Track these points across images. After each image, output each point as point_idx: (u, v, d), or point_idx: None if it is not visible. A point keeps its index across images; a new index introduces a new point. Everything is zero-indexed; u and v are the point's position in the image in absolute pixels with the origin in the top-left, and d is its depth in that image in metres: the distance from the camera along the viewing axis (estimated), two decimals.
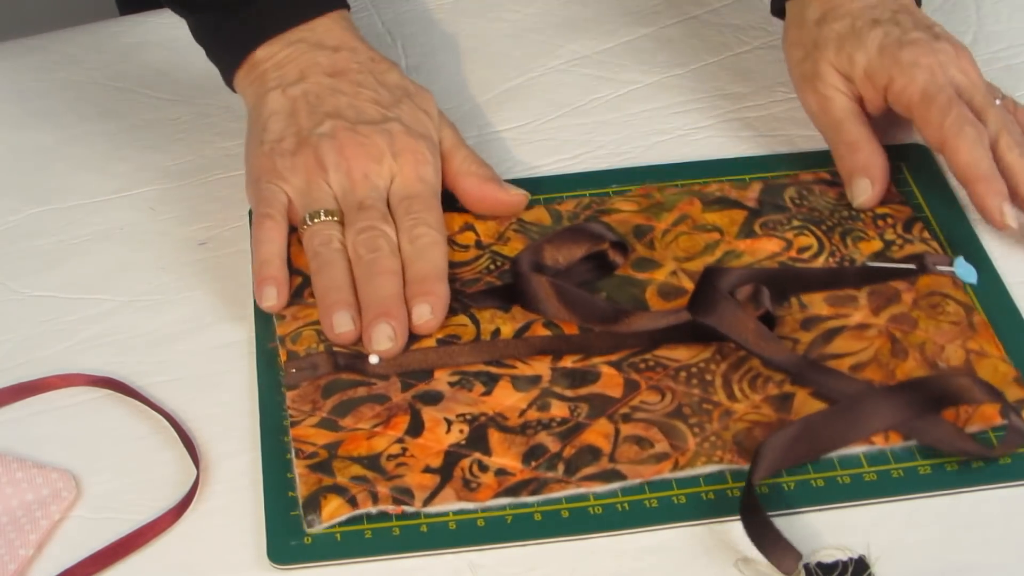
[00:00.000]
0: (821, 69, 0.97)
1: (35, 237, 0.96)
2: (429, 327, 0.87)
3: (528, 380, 0.85)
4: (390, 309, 0.86)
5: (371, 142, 0.92)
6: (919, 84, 0.94)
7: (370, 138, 0.92)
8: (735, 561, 0.77)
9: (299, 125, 0.93)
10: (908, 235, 0.92)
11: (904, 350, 0.85)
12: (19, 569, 0.77)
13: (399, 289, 0.88)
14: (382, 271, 0.88)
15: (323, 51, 0.95)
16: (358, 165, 0.91)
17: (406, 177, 0.92)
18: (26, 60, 1.10)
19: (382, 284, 0.87)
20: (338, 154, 0.91)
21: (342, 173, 0.91)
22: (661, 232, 0.93)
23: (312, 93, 0.94)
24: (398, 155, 0.92)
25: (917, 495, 0.79)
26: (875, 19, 0.96)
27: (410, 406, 0.84)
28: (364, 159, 0.91)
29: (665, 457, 0.81)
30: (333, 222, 0.90)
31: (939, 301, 0.88)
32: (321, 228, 0.90)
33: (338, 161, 0.91)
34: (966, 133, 0.91)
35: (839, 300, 0.88)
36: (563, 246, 0.91)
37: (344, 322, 0.86)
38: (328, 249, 0.89)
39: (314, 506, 0.79)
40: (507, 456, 0.81)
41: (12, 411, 0.86)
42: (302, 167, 0.92)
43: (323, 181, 0.91)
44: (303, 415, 0.83)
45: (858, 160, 0.94)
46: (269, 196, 0.92)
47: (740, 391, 0.84)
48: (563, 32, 1.11)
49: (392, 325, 0.86)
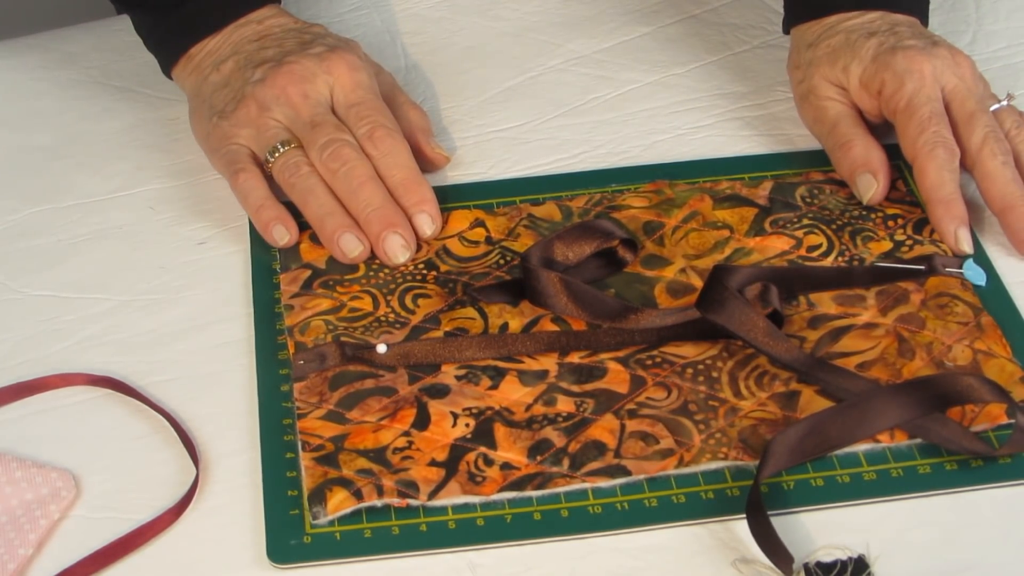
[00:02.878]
0: (815, 83, 0.98)
1: (34, 236, 0.96)
2: (435, 233, 0.93)
3: (535, 375, 0.85)
4: (391, 219, 0.91)
5: (299, 66, 0.95)
6: (906, 91, 0.94)
7: (297, 63, 0.95)
8: (733, 560, 0.77)
9: (234, 88, 0.96)
10: (918, 236, 0.92)
11: (911, 350, 0.85)
12: (19, 568, 0.77)
13: (387, 195, 0.92)
14: (362, 181, 0.92)
15: (248, 26, 0.99)
16: (294, 90, 0.94)
17: (344, 86, 0.95)
18: (25, 59, 1.10)
19: (370, 195, 0.92)
20: (272, 89, 0.95)
21: (282, 104, 0.94)
22: (671, 229, 0.93)
23: (241, 58, 0.97)
24: (330, 68, 0.95)
25: (917, 494, 0.79)
26: (871, 32, 0.97)
27: (417, 399, 0.84)
28: (297, 82, 0.95)
29: (670, 453, 0.81)
30: (293, 149, 0.94)
31: (947, 302, 0.88)
32: (284, 159, 0.93)
33: (275, 95, 0.94)
34: (936, 155, 0.92)
35: (847, 299, 0.88)
36: (573, 242, 0.91)
37: (353, 245, 0.91)
38: (300, 176, 0.92)
39: (320, 499, 0.79)
40: (513, 450, 0.81)
41: (11, 410, 0.86)
42: (246, 117, 0.95)
43: (269, 119, 0.94)
44: (310, 407, 0.84)
45: (855, 156, 0.95)
46: (231, 155, 0.95)
47: (746, 388, 0.84)
48: (562, 31, 1.11)
49: (400, 233, 0.91)
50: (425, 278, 0.91)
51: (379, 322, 0.88)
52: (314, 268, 0.91)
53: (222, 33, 0.99)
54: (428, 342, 0.86)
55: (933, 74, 0.94)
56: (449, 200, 0.96)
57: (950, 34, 1.08)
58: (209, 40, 0.99)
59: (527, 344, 0.86)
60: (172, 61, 1.00)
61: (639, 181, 0.96)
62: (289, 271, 0.92)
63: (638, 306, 0.87)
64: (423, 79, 1.06)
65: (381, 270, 0.91)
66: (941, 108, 0.94)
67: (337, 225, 0.91)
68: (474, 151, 1.01)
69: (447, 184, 0.98)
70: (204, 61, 0.99)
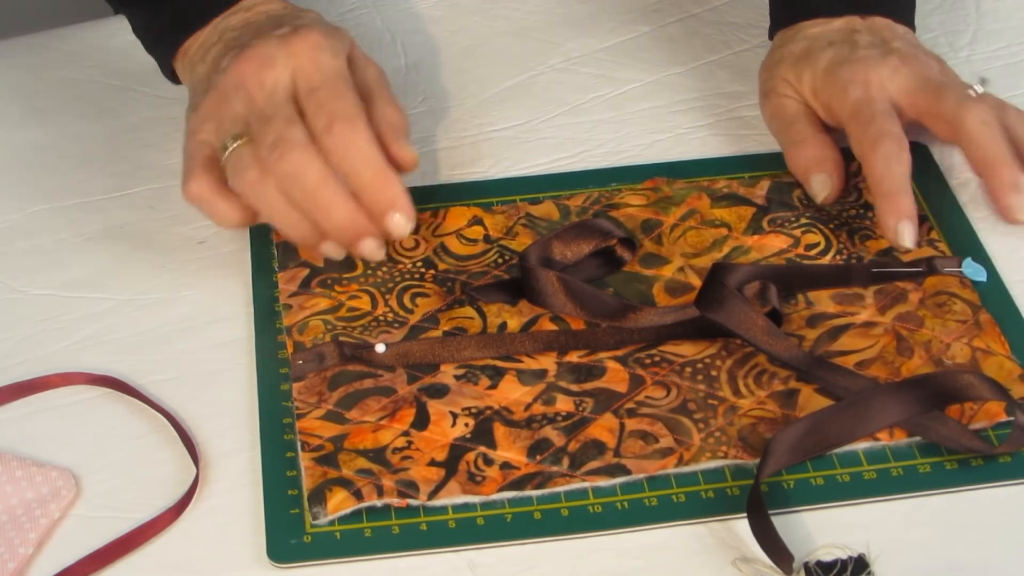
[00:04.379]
0: (776, 83, 0.98)
1: (34, 236, 0.96)
2: (409, 231, 0.87)
3: (534, 374, 0.85)
4: (358, 231, 0.87)
5: (261, 51, 0.89)
6: (850, 100, 0.93)
7: (260, 48, 0.89)
8: (733, 560, 0.77)
9: (208, 76, 0.92)
10: None
11: (910, 348, 0.85)
12: (19, 568, 0.77)
13: (347, 199, 0.86)
14: (315, 187, 0.85)
15: (238, 14, 0.95)
16: (252, 77, 0.88)
17: (304, 70, 0.88)
18: (25, 58, 1.10)
19: (327, 204, 0.86)
20: (233, 77, 0.89)
21: (241, 92, 0.89)
22: (669, 227, 0.93)
23: (221, 46, 0.93)
24: (292, 53, 0.88)
25: (917, 493, 0.79)
26: (830, 41, 0.97)
27: (416, 399, 0.84)
28: (256, 68, 0.88)
29: (670, 452, 0.81)
30: (241, 146, 0.87)
31: (946, 300, 0.88)
32: (233, 160, 0.87)
33: (235, 83, 0.89)
34: (880, 147, 0.91)
35: (846, 298, 0.88)
36: (572, 241, 0.91)
37: (333, 251, 0.88)
38: (248, 184, 0.86)
39: (320, 499, 0.79)
40: (512, 450, 0.81)
41: (11, 410, 0.86)
42: (209, 109, 0.90)
43: (228, 111, 0.89)
44: (309, 407, 0.84)
45: (809, 156, 0.95)
46: (188, 154, 0.90)
47: (745, 387, 0.84)
48: (562, 30, 1.11)
49: (374, 236, 0.87)
50: (423, 277, 0.91)
51: (377, 321, 0.88)
52: (312, 266, 0.91)
53: (212, 24, 0.95)
54: (427, 341, 0.86)
55: (879, 82, 0.94)
56: (447, 199, 0.96)
57: (950, 34, 1.08)
58: (201, 32, 0.95)
59: (526, 343, 0.86)
60: (170, 57, 0.97)
61: (638, 180, 0.96)
62: (287, 269, 0.92)
63: (637, 304, 0.87)
64: (423, 79, 1.06)
65: (379, 268, 0.91)
66: (887, 107, 0.93)
67: (304, 235, 0.87)
68: (473, 150, 1.01)
69: (447, 183, 0.98)
70: (196, 54, 0.95)
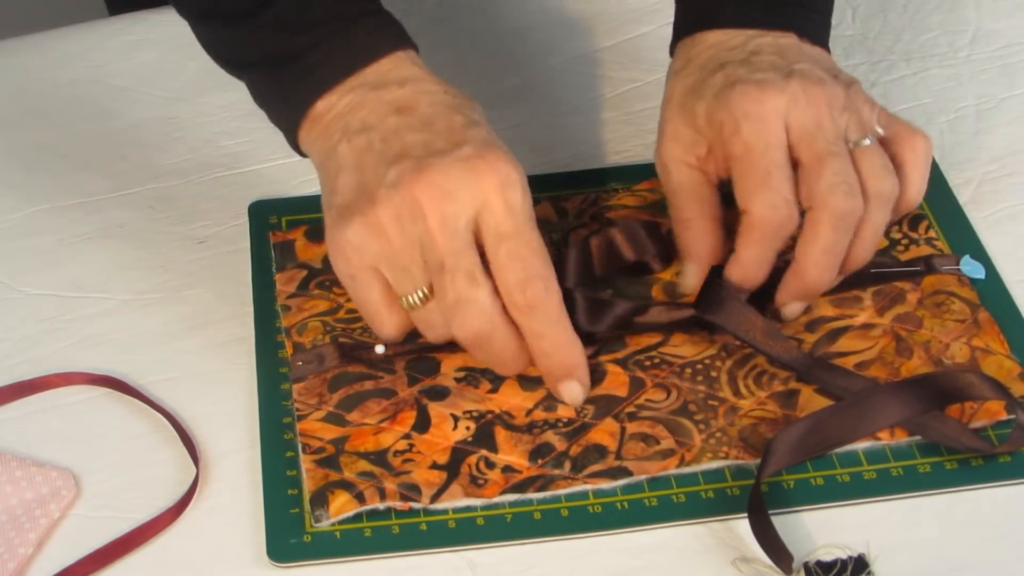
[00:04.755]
0: (665, 138, 0.89)
1: (34, 236, 0.96)
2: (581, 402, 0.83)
3: (535, 379, 0.85)
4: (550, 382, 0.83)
5: (443, 178, 0.79)
6: (743, 137, 0.84)
7: (441, 172, 0.79)
8: (733, 560, 0.77)
9: (366, 179, 0.81)
10: (914, 233, 0.92)
11: (909, 348, 0.85)
12: (19, 568, 0.77)
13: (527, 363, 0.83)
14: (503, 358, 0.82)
15: (388, 88, 0.83)
16: (432, 211, 0.79)
17: (493, 211, 0.79)
18: (25, 58, 1.10)
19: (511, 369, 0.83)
20: (408, 201, 0.79)
21: (419, 225, 0.79)
22: (667, 230, 0.93)
23: (378, 138, 0.82)
24: (480, 188, 0.79)
25: (916, 493, 0.79)
26: (722, 63, 0.87)
27: (416, 401, 0.84)
28: (437, 199, 0.79)
29: (671, 454, 0.81)
30: (428, 306, 0.81)
31: (944, 300, 0.88)
32: (421, 317, 0.82)
33: (411, 210, 0.79)
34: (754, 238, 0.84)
35: (844, 301, 0.88)
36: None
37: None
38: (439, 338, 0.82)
39: (322, 502, 0.79)
40: (514, 454, 0.81)
41: (11, 410, 0.86)
42: (373, 228, 0.80)
43: (402, 236, 0.80)
44: (309, 408, 0.84)
45: (685, 241, 0.88)
46: (363, 286, 0.82)
47: (745, 388, 0.84)
48: (562, 30, 1.11)
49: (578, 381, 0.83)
50: None
51: None
52: (310, 268, 0.91)
53: (352, 91, 0.83)
54: (427, 343, 0.86)
55: (776, 113, 0.84)
56: None
57: (950, 34, 1.08)
58: (335, 97, 0.83)
59: None
60: (296, 123, 0.85)
61: (637, 180, 0.96)
62: (285, 271, 0.91)
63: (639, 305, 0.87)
64: None
65: None
66: (782, 158, 0.84)
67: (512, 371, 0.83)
68: None
69: None
70: (332, 125, 0.83)
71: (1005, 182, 0.97)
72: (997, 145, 0.99)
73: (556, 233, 0.93)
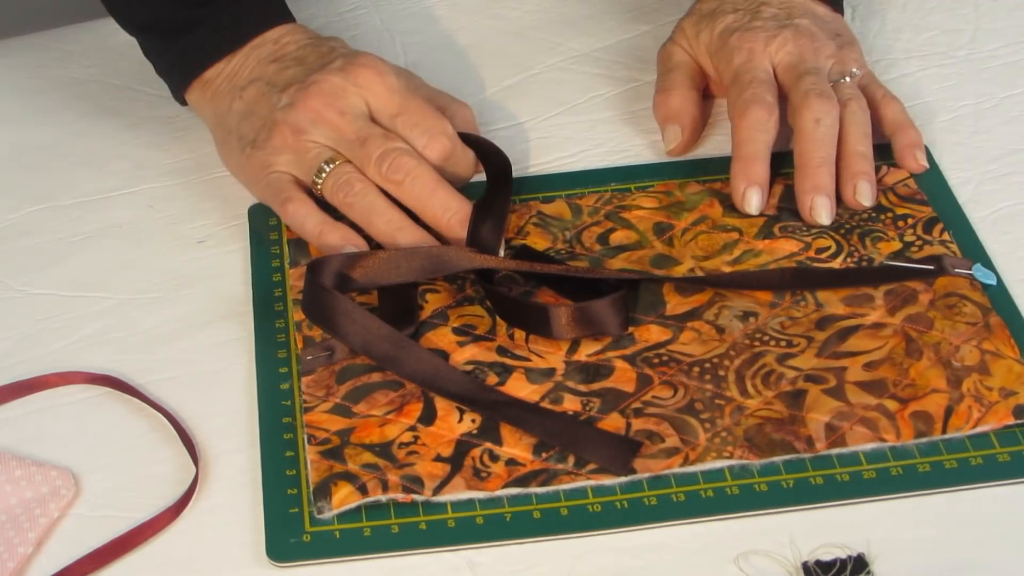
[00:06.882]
0: (676, 33, 1.02)
1: (34, 235, 0.96)
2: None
3: (542, 373, 0.85)
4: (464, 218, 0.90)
5: (326, 83, 0.92)
6: (733, 65, 0.96)
7: (324, 81, 0.92)
8: (734, 558, 0.77)
9: (262, 115, 0.93)
10: (928, 236, 0.92)
11: (919, 349, 0.85)
12: (18, 567, 0.77)
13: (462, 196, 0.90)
14: (434, 187, 0.90)
15: (264, 47, 0.96)
16: (328, 109, 0.92)
17: (378, 97, 0.92)
18: (25, 58, 1.10)
19: (445, 199, 0.90)
20: (305, 112, 0.92)
21: (320, 125, 0.92)
22: (680, 230, 0.93)
23: (263, 83, 0.94)
24: (359, 84, 0.92)
25: (916, 493, 0.79)
26: (736, 7, 0.99)
27: (423, 393, 0.84)
28: (329, 101, 0.92)
29: (676, 452, 0.81)
30: (341, 165, 0.91)
31: (956, 302, 0.88)
32: (334, 178, 0.91)
33: (310, 118, 0.92)
34: (748, 112, 0.93)
35: (855, 300, 0.88)
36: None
37: None
38: (355, 194, 0.90)
39: (324, 493, 0.79)
40: (518, 447, 0.81)
41: (11, 409, 0.86)
42: (282, 144, 0.92)
43: (307, 142, 0.92)
44: (317, 400, 0.84)
45: (670, 105, 0.98)
46: (275, 184, 0.92)
47: (753, 387, 0.84)
48: (562, 29, 1.11)
49: None
50: None
51: None
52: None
53: (238, 55, 0.96)
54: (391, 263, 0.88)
55: (765, 51, 0.96)
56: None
57: (950, 33, 1.08)
58: (224, 63, 0.96)
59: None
60: (184, 85, 0.98)
61: (651, 179, 0.96)
62: (298, 266, 0.92)
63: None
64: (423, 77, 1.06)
65: None
66: (765, 76, 0.95)
67: (412, 239, 0.89)
68: None
69: None
70: (222, 87, 0.96)
71: (1004, 181, 0.97)
72: (996, 144, 0.99)
73: (569, 231, 0.93)
